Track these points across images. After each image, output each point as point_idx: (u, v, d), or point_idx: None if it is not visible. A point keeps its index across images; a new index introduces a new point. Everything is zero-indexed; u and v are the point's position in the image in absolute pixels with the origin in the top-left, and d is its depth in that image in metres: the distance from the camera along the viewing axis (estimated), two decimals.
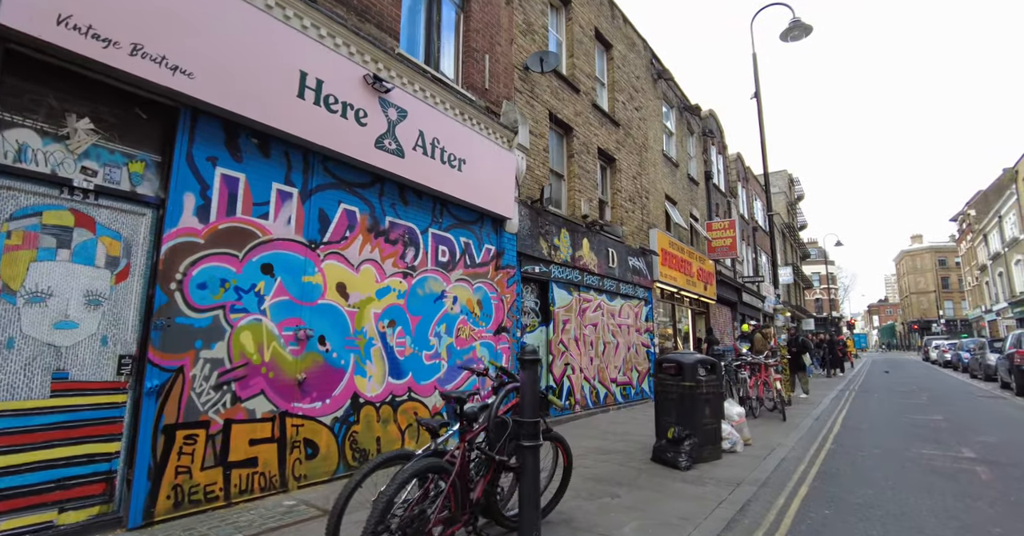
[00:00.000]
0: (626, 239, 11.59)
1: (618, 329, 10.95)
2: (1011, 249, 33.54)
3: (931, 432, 7.90)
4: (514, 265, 7.77)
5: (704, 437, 5.89)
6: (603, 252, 10.45)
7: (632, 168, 12.30)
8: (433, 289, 6.37)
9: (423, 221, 6.35)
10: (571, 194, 9.91)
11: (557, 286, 9.03)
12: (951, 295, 66.21)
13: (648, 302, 12.39)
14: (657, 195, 13.60)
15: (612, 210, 11.51)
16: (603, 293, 10.52)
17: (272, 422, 4.57)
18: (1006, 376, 14.26)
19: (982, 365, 18.41)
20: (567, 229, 9.31)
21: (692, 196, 16.57)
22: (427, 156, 6.16)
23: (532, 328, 8.49)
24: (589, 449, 6.52)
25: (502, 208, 7.40)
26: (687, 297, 15.22)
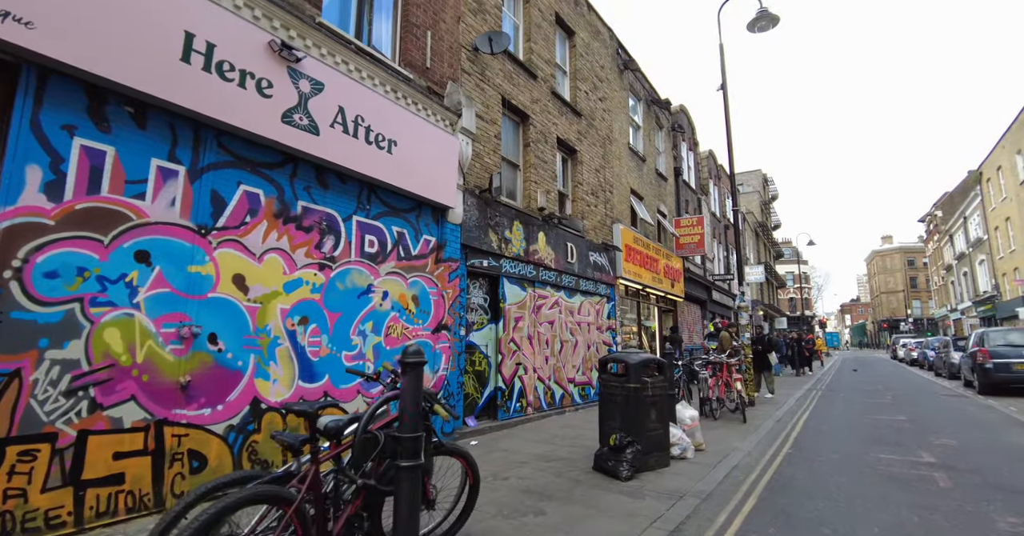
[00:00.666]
0: (587, 234, 11.13)
1: (577, 327, 10.48)
2: (975, 249, 34.12)
3: (893, 434, 7.58)
4: (458, 258, 7.22)
5: (650, 444, 5.43)
6: (561, 247, 9.96)
7: (595, 161, 11.85)
8: (358, 283, 5.79)
9: (346, 207, 5.76)
10: (527, 185, 9.40)
11: (509, 281, 8.51)
12: (919, 294, 67.63)
13: (611, 299, 11.95)
14: (622, 189, 13.18)
15: (573, 203, 11.04)
16: (561, 289, 10.03)
17: (145, 432, 3.95)
18: (968, 374, 14.20)
19: (946, 363, 18.44)
20: (521, 221, 8.79)
21: (660, 192, 16.21)
22: (348, 135, 5.57)
23: (480, 326, 7.95)
24: (532, 456, 6.02)
25: (443, 196, 6.85)
26: (653, 294, 14.85)
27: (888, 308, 72.15)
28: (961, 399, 12.06)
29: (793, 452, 6.39)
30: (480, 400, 7.80)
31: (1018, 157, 25.10)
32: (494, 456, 6.02)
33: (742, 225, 30.27)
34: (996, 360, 12.41)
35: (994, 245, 30.05)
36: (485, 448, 6.45)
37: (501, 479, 5.06)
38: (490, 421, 7.86)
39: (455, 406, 6.89)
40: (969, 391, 13.68)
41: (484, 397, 7.87)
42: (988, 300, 31.60)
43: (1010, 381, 12.27)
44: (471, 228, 7.59)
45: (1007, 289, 28.56)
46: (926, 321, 60.68)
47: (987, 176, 30.25)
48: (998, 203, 28.67)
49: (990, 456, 6.10)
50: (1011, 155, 25.90)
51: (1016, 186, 25.56)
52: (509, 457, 5.97)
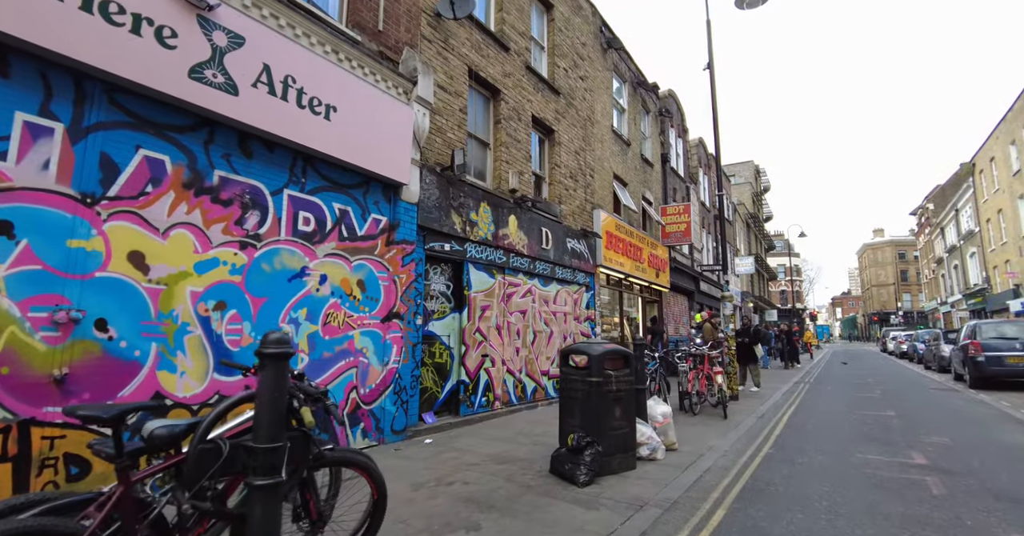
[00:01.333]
0: (565, 219, 10.53)
1: (552, 317, 9.92)
2: (966, 242, 33.84)
3: (881, 431, 7.08)
4: (413, 240, 6.61)
5: (613, 444, 4.87)
6: (535, 232, 9.37)
7: (574, 142, 11.23)
8: (289, 265, 5.17)
9: (275, 180, 5.12)
10: (497, 165, 8.78)
11: (475, 267, 7.91)
12: (909, 288, 67.62)
13: (590, 288, 11.39)
14: (604, 174, 12.58)
15: (550, 186, 10.43)
16: (535, 277, 9.45)
17: (5, 434, 3.34)
18: (959, 368, 13.78)
19: (936, 357, 18.07)
20: (489, 203, 8.18)
21: (646, 178, 15.62)
22: (276, 97, 4.93)
23: (441, 315, 7.36)
24: (486, 456, 5.45)
25: (394, 171, 6.22)
26: (637, 284, 14.30)
27: (879, 301, 72.16)
28: (952, 393, 11.63)
29: (774, 452, 5.86)
30: (440, 394, 7.23)
31: (1012, 148, 24.69)
32: (445, 457, 5.45)
33: (732, 215, 29.81)
34: (988, 353, 11.98)
35: (985, 237, 29.74)
36: (438, 447, 5.88)
37: (444, 484, 4.49)
38: (451, 417, 7.30)
39: (407, 402, 6.31)
40: (960, 385, 13.27)
41: (445, 391, 7.29)
42: (978, 293, 31.36)
43: (1003, 375, 11.85)
44: (430, 208, 6.97)
45: (997, 282, 28.28)
46: (916, 314, 60.74)
47: (980, 167, 29.87)
48: (990, 195, 28.31)
49: (985, 457, 5.60)
50: (1005, 146, 25.49)
51: (1009, 178, 25.17)
52: (461, 458, 5.40)
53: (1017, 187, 24.27)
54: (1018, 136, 23.71)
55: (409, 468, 5.02)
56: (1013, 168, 24.58)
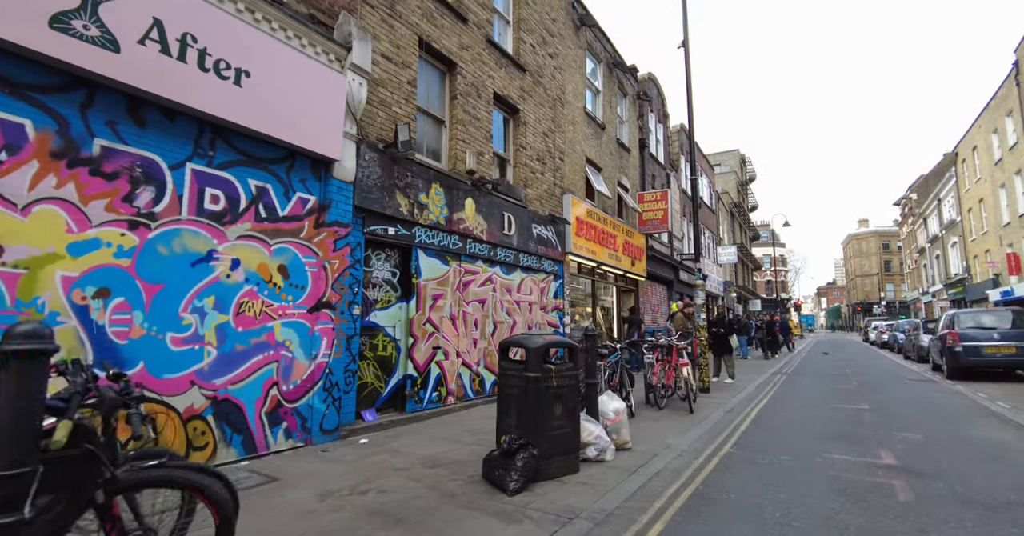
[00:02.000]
0: (531, 204, 10.01)
1: (516, 306, 9.43)
2: (948, 232, 33.85)
3: (852, 427, 6.71)
4: (348, 222, 6.06)
5: (553, 445, 4.41)
6: (496, 216, 8.84)
7: (542, 123, 10.68)
8: (192, 247, 4.60)
9: (176, 152, 4.54)
10: (453, 144, 8.22)
11: (425, 253, 7.38)
12: (893, 278, 68.15)
13: (559, 276, 10.91)
14: (575, 157, 12.05)
15: (514, 169, 9.89)
16: (496, 264, 8.94)
17: None
18: (937, 358, 13.54)
19: (915, 346, 17.90)
20: (442, 185, 7.63)
21: (622, 163, 15.12)
22: (170, 57, 4.33)
23: (386, 304, 6.84)
24: (419, 459, 4.97)
25: (323, 146, 5.65)
26: (611, 273, 13.85)
27: (863, 291, 72.69)
28: (928, 384, 11.36)
29: (735, 452, 5.44)
30: (384, 390, 6.72)
31: (994, 136, 24.49)
32: (373, 459, 4.96)
33: (715, 204, 29.47)
34: (966, 343, 11.71)
35: (967, 227, 29.70)
36: (371, 448, 5.39)
37: (357, 493, 4.00)
38: (396, 413, 6.81)
39: (340, 398, 5.79)
40: (937, 375, 13.03)
41: (389, 386, 6.79)
42: (959, 282, 31.41)
43: (980, 365, 11.60)
44: (370, 188, 6.41)
45: (978, 271, 28.27)
46: (898, 304, 61.25)
47: (962, 157, 29.73)
48: (972, 184, 28.20)
49: (958, 455, 5.22)
50: (987, 134, 25.31)
51: (991, 166, 25.01)
52: (390, 461, 4.91)
53: (999, 176, 24.12)
54: (1000, 125, 23.51)
55: (328, 473, 4.52)
56: (995, 157, 24.41)
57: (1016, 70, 20.80)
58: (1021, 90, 20.58)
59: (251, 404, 4.95)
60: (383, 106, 6.80)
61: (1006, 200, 23.56)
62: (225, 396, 4.75)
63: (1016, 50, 20.71)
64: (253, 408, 4.97)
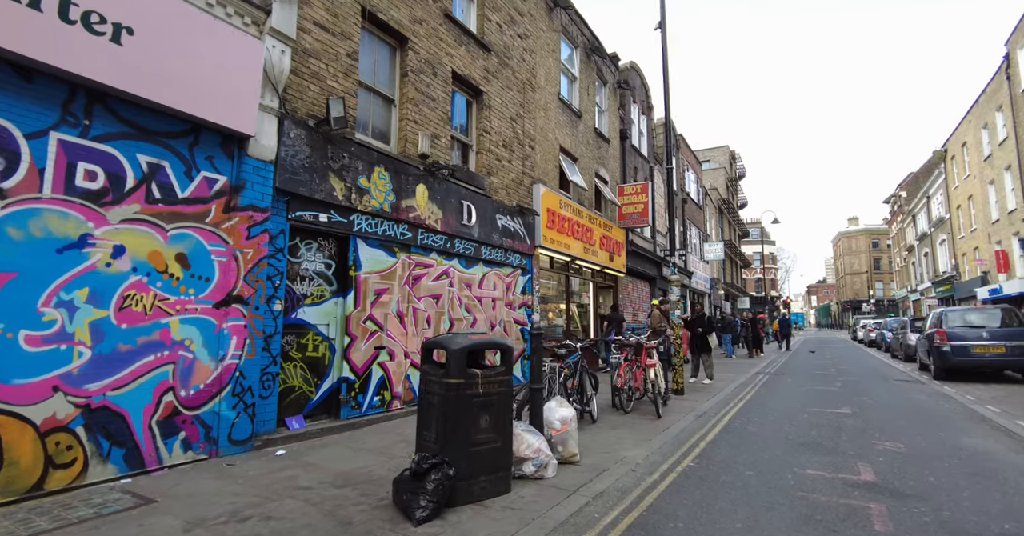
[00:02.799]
0: (495, 193, 9.37)
1: (477, 303, 8.79)
2: (936, 229, 33.55)
3: (831, 435, 6.14)
4: (267, 207, 5.38)
5: (477, 463, 3.79)
6: (454, 205, 8.19)
7: (510, 107, 10.03)
8: (58, 231, 3.92)
9: (36, 119, 3.85)
10: (404, 125, 7.55)
11: (367, 243, 6.72)
12: (882, 276, 68.14)
13: (527, 271, 10.28)
14: (548, 145, 11.41)
15: (477, 155, 9.24)
16: (454, 257, 8.30)
17: None
18: (925, 357, 13.06)
19: (903, 345, 17.46)
20: (388, 168, 6.98)
21: (600, 154, 14.50)
22: (21, 4, 3.64)
23: (318, 299, 6.18)
24: (331, 477, 4.33)
25: (234, 119, 4.97)
26: (587, 268, 13.24)
27: (852, 289, 72.67)
28: (915, 385, 10.85)
29: (696, 466, 4.84)
30: (315, 394, 6.07)
31: (984, 132, 24.10)
32: (278, 476, 4.32)
33: (703, 200, 28.94)
34: (954, 342, 11.21)
35: (955, 225, 29.37)
36: (285, 461, 4.74)
37: (236, 521, 3.36)
38: (329, 420, 6.16)
39: (255, 405, 5.14)
40: (925, 376, 12.54)
41: (322, 391, 6.14)
42: (947, 281, 31.11)
43: (969, 366, 11.11)
44: (297, 169, 5.75)
45: (966, 269, 27.96)
46: (887, 302, 61.20)
47: (951, 153, 29.36)
48: (961, 181, 27.85)
49: (944, 470, 4.65)
50: (977, 130, 24.92)
51: (980, 162, 24.63)
52: (297, 478, 4.27)
53: (988, 172, 23.74)
54: (990, 119, 23.10)
55: (216, 493, 3.88)
56: (984, 153, 24.02)
57: (1007, 63, 20.37)
58: (1012, 84, 20.15)
59: (138, 412, 4.29)
60: (316, 79, 6.13)
61: (995, 197, 23.19)
62: (102, 404, 4.08)
63: (1007, 42, 20.27)
64: (141, 417, 4.30)
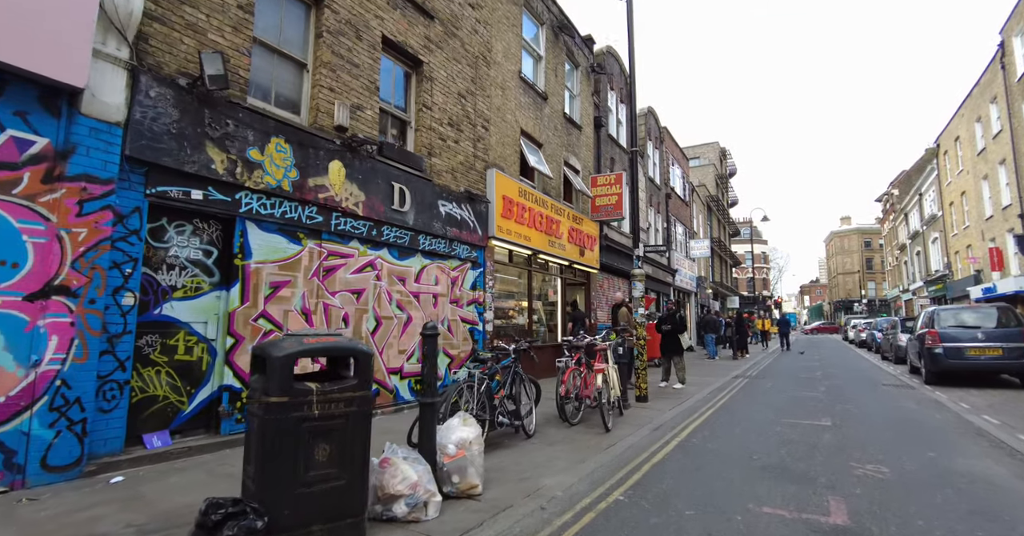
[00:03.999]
0: (437, 176, 8.38)
1: (413, 299, 7.81)
2: (929, 227, 32.81)
3: (804, 455, 5.19)
4: (110, 178, 4.37)
5: (308, 508, 2.81)
6: (381, 187, 7.20)
7: (457, 82, 9.04)
8: None
9: None
10: (317, 92, 6.55)
11: (261, 228, 5.73)
12: (874, 276, 67.56)
13: (479, 265, 9.30)
14: (506, 128, 10.43)
15: (416, 133, 8.25)
16: (382, 246, 7.31)
17: None
18: (915, 360, 12.18)
19: (893, 346, 16.61)
20: (291, 140, 5.98)
21: (570, 141, 13.53)
22: None
23: (193, 292, 5.17)
24: (152, 516, 3.33)
25: (55, 66, 3.96)
26: (553, 263, 12.27)
27: (844, 289, 72.08)
28: (905, 391, 9.94)
29: (625, 501, 3.87)
30: (187, 406, 5.06)
31: (977, 125, 23.30)
32: (76, 518, 3.32)
33: (689, 195, 28.04)
34: (947, 344, 10.31)
35: (948, 222, 28.61)
36: (108, 494, 3.74)
37: None
38: (207, 436, 5.16)
39: (87, 420, 4.12)
40: (915, 379, 11.65)
41: (196, 401, 5.13)
42: (939, 279, 30.37)
43: (962, 369, 10.22)
44: (160, 135, 4.74)
45: (959, 268, 27.20)
46: (878, 302, 60.60)
47: (944, 149, 28.59)
48: (954, 177, 27.07)
49: (936, 507, 3.70)
50: (970, 124, 24.12)
51: (973, 157, 23.84)
52: (97, 523, 3.27)
53: (981, 167, 22.95)
54: (984, 112, 22.30)
55: None
56: (978, 147, 23.22)
57: (1001, 52, 19.55)
58: (1007, 73, 19.33)
59: None
60: (193, 32, 5.12)
61: (989, 192, 22.40)
62: None
63: (1002, 30, 19.45)
64: None
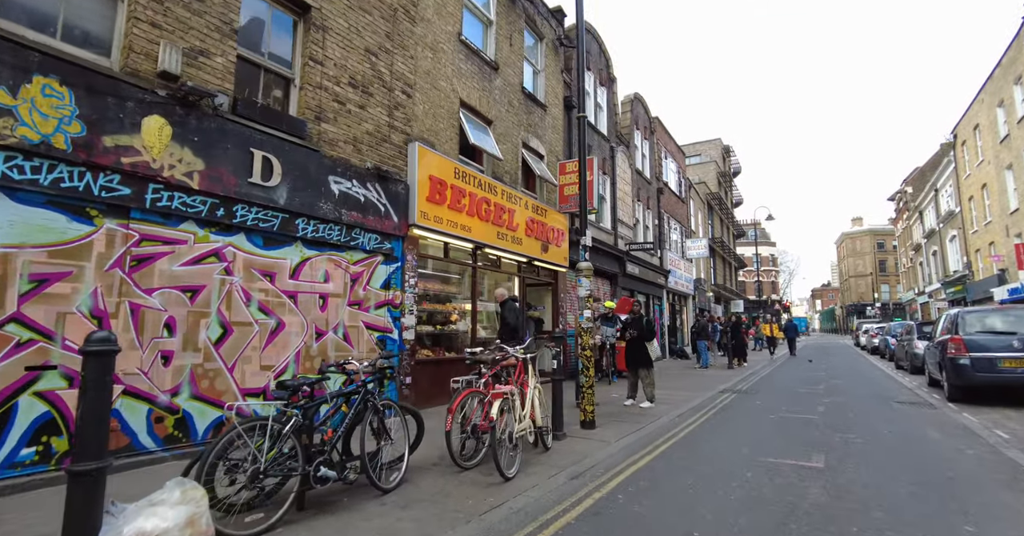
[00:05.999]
0: (331, 147, 6.76)
1: (287, 300, 6.16)
2: (946, 225, 30.67)
3: (777, 519, 3.45)
4: None
5: None
6: (234, 155, 5.58)
7: (365, 36, 7.43)
8: None
9: None
10: (132, 26, 4.94)
11: (17, 199, 4.12)
12: (888, 279, 65.01)
13: (395, 258, 7.64)
14: (439, 97, 8.79)
15: (300, 92, 6.63)
16: (235, 231, 5.67)
17: None
18: (935, 371, 10.31)
19: (908, 354, 14.68)
20: (71, 83, 4.38)
21: (532, 122, 11.85)
22: None
23: None
24: None
25: None
26: (507, 259, 10.58)
27: (856, 292, 69.47)
28: (923, 411, 8.11)
29: None
30: None
31: (999, 110, 21.32)
32: None
33: (685, 191, 26.21)
34: (974, 354, 8.46)
35: (967, 218, 26.52)
36: None
37: None
38: None
39: None
40: (936, 395, 9.78)
41: None
42: (958, 280, 28.22)
43: (995, 384, 8.34)
44: None
45: (980, 267, 25.10)
46: (892, 305, 58.06)
47: (962, 139, 26.53)
48: (973, 169, 25.01)
49: None
50: (991, 109, 22.13)
51: (995, 145, 21.83)
52: None
53: (1004, 156, 20.95)
54: (1006, 95, 20.33)
55: None
56: (1000, 134, 21.23)
57: None
58: None
59: None
60: None
61: (1013, 183, 20.39)
62: None
63: None
64: None
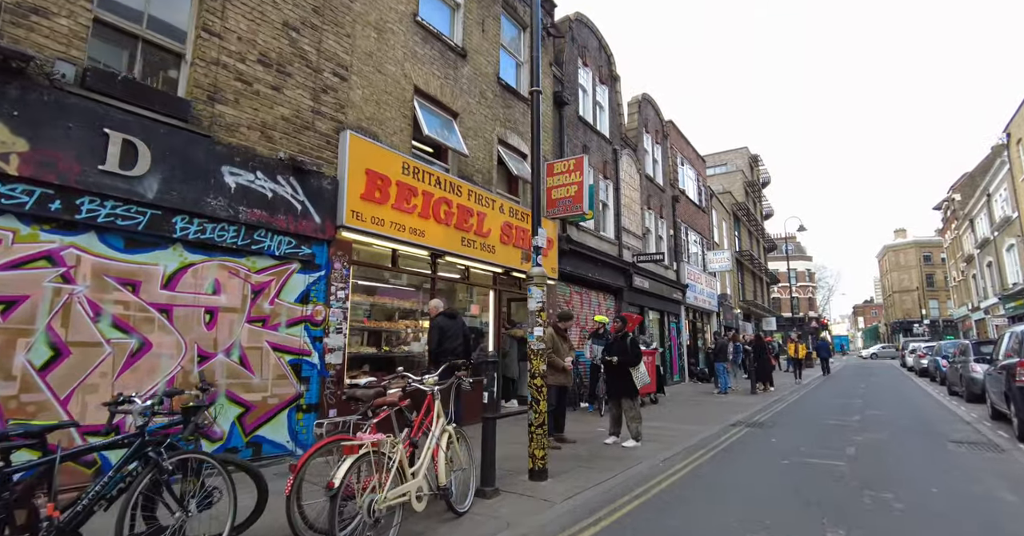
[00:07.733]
0: (229, 133, 5.65)
1: (157, 315, 4.98)
2: (1001, 233, 27.88)
3: None
4: None
5: None
6: (78, 136, 4.49)
7: (283, 9, 6.37)
8: None
9: None
10: None
11: None
12: (936, 294, 60.69)
13: (318, 267, 6.43)
14: (384, 82, 7.66)
15: (192, 69, 5.55)
16: (82, 229, 4.55)
17: None
18: (1000, 402, 8.43)
19: (964, 379, 12.59)
20: None
21: (510, 116, 10.62)
22: None
23: None
24: None
25: None
26: (478, 270, 9.26)
27: (902, 309, 65.09)
28: (987, 458, 6.34)
29: None
30: None
31: None
32: None
33: (706, 200, 24.47)
34: None
35: None
36: None
37: None
38: None
39: None
40: (1002, 432, 7.91)
41: None
42: (1020, 293, 25.39)
43: None
44: None
45: None
46: (942, 323, 53.90)
47: (1017, 137, 24.08)
48: None
49: None
50: None
51: None
52: None
53: None
54: None
55: None
56: None
57: None
58: None
59: None
60: None
61: None
62: None
63: None
64: None
